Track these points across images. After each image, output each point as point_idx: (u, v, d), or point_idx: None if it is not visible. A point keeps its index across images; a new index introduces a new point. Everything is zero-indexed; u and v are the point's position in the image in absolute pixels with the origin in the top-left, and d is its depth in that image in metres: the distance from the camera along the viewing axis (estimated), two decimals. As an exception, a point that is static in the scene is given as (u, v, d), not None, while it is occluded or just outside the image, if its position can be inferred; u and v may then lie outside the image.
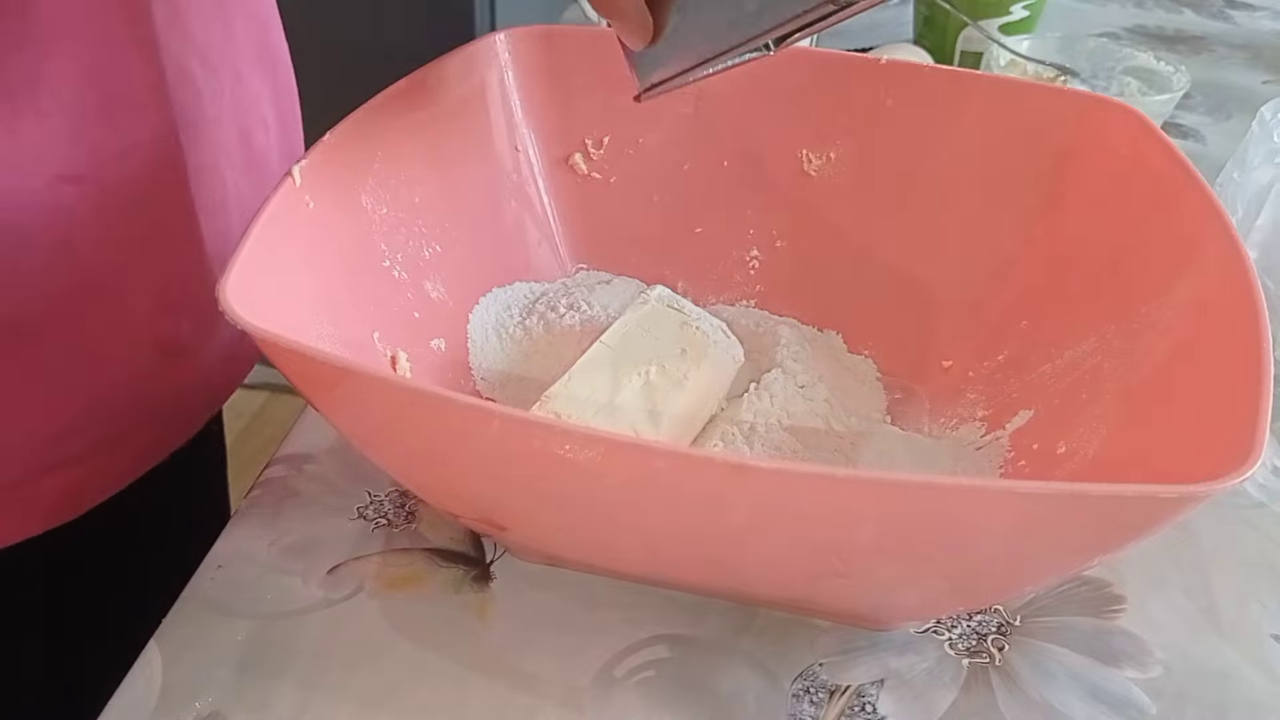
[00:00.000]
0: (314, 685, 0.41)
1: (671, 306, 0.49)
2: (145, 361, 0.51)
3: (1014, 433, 0.47)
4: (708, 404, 0.48)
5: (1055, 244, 0.50)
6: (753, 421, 0.47)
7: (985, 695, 0.41)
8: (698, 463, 0.33)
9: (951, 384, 0.51)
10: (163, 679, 0.40)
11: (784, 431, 0.48)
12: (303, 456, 0.50)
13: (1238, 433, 0.34)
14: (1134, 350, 0.43)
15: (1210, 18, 1.03)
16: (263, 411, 1.63)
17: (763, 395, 0.48)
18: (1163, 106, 0.69)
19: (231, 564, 0.45)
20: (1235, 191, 0.42)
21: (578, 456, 0.33)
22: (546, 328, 0.52)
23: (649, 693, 0.41)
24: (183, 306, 0.52)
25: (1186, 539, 0.48)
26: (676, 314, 0.48)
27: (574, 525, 0.40)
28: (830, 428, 0.49)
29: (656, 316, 0.48)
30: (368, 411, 0.38)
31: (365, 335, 0.46)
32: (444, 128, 0.51)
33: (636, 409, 0.45)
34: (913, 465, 0.47)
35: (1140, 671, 0.42)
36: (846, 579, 0.38)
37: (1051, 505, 0.32)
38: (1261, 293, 0.39)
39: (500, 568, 0.45)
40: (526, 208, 0.55)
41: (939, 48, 0.82)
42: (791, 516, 0.34)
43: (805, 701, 0.41)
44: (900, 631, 0.43)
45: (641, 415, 0.45)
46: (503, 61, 0.54)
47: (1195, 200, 0.44)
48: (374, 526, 0.47)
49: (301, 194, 0.43)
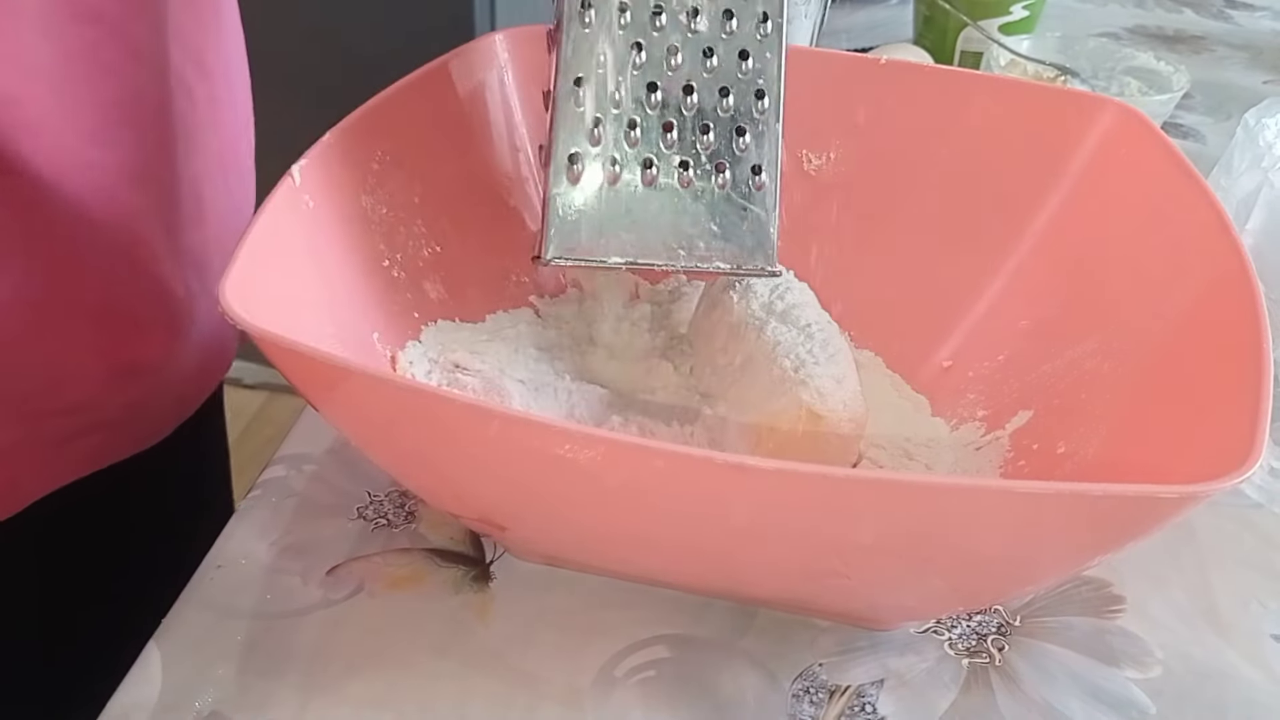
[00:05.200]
0: (314, 685, 0.40)
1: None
2: (98, 383, 0.50)
3: (1014, 433, 0.47)
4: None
5: (1055, 244, 0.50)
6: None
7: (985, 695, 0.41)
8: (698, 463, 0.33)
9: (951, 384, 0.51)
10: (162, 679, 0.40)
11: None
12: (302, 457, 0.50)
13: (1237, 433, 0.34)
14: (1134, 350, 0.43)
15: (1210, 18, 1.03)
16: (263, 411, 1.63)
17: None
18: (1163, 106, 0.68)
19: (231, 564, 0.45)
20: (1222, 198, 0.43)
21: (578, 456, 0.33)
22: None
23: (649, 693, 0.41)
24: (150, 327, 0.51)
25: (1186, 539, 0.48)
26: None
27: (574, 525, 0.40)
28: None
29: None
30: (367, 411, 0.38)
31: (365, 335, 0.46)
32: (444, 127, 0.51)
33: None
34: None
35: (1140, 671, 0.42)
36: (846, 579, 0.38)
37: (1051, 505, 0.32)
38: (1261, 293, 0.39)
39: (500, 568, 0.45)
40: (526, 207, 0.54)
41: (939, 48, 0.81)
42: (792, 516, 0.34)
43: (805, 702, 0.41)
44: (900, 632, 0.43)
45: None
46: (502, 61, 0.54)
47: (1195, 200, 0.44)
48: (374, 527, 0.47)
49: (301, 194, 0.43)
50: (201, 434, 0.66)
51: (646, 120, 0.43)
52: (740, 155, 0.44)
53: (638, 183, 0.44)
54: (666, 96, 0.43)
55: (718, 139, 0.44)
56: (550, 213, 0.43)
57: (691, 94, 0.43)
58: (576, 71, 0.43)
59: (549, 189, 0.43)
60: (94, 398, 0.50)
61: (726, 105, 0.44)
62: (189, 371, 0.56)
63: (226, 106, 0.54)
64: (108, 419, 0.52)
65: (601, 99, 0.43)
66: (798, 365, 0.43)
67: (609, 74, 0.43)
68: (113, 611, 0.54)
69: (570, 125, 0.43)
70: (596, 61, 0.43)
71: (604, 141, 0.43)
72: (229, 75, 0.54)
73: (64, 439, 0.51)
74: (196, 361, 0.56)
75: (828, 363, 0.44)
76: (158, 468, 0.57)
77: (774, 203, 0.45)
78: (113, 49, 0.44)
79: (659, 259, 0.44)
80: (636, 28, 0.43)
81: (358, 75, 0.59)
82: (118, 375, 0.51)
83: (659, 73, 0.43)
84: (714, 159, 0.44)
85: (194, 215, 0.52)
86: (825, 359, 0.44)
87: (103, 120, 0.45)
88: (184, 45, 0.49)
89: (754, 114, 0.44)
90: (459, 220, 0.51)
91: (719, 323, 0.49)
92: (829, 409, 0.43)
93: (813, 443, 0.43)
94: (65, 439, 0.51)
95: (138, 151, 0.47)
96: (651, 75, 0.43)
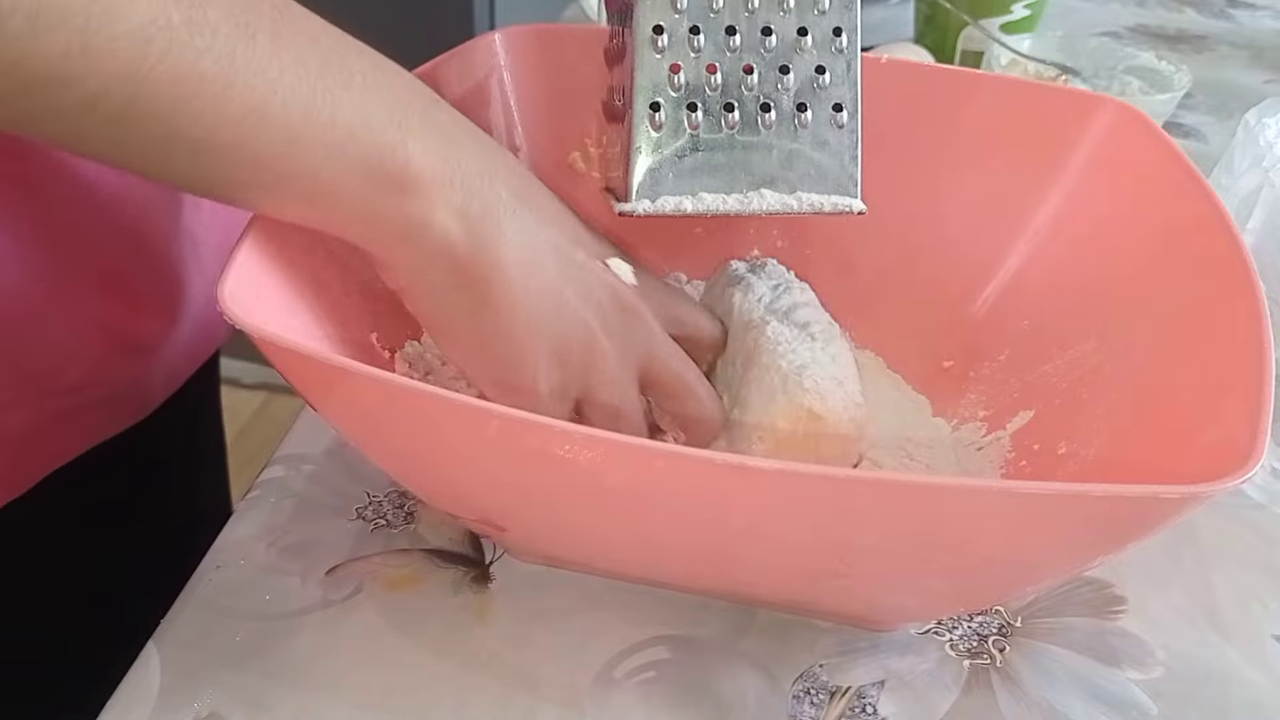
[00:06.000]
0: (313, 686, 0.40)
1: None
2: (100, 361, 0.51)
3: (1015, 433, 0.47)
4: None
5: (1056, 243, 0.50)
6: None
7: (986, 696, 0.41)
8: (698, 463, 0.32)
9: (952, 384, 0.51)
10: (161, 680, 0.40)
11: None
12: (301, 457, 0.50)
13: (1239, 433, 0.33)
14: (1135, 350, 0.43)
15: (1212, 17, 1.03)
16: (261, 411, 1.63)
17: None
18: (1164, 106, 0.68)
19: (230, 564, 0.45)
20: (1223, 197, 0.43)
21: (577, 457, 0.33)
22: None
23: (649, 693, 0.41)
24: (150, 306, 0.52)
25: (1188, 539, 0.48)
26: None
27: (573, 526, 0.40)
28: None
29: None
30: (366, 412, 0.38)
31: (364, 335, 0.46)
32: (443, 127, 0.51)
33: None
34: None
35: (1141, 672, 0.42)
36: (847, 579, 0.37)
37: (1052, 506, 0.32)
38: (1263, 293, 0.38)
39: (499, 568, 0.45)
40: (526, 207, 0.54)
41: (940, 47, 0.81)
42: (792, 517, 0.34)
43: (805, 703, 0.41)
44: (901, 632, 0.43)
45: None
46: (501, 61, 0.53)
47: (1196, 200, 0.44)
48: (373, 527, 0.47)
49: (300, 193, 0.42)
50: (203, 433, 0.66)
51: (726, 64, 0.44)
52: (820, 94, 0.44)
53: (719, 126, 0.44)
54: (745, 40, 0.44)
55: (797, 79, 0.44)
56: (634, 160, 0.43)
57: (770, 35, 0.44)
58: (656, 19, 0.43)
59: (632, 138, 0.43)
60: (96, 375, 0.51)
61: (804, 45, 0.44)
62: (183, 348, 0.56)
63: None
64: (107, 396, 0.52)
65: (680, 45, 0.44)
66: (799, 366, 0.43)
67: (685, 20, 0.43)
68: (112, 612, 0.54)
69: (651, 72, 0.43)
70: (675, 7, 0.43)
71: (684, 87, 0.44)
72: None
73: (67, 416, 0.51)
74: (190, 339, 0.56)
75: (829, 363, 0.44)
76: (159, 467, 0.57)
77: (855, 140, 0.45)
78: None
79: (741, 204, 0.44)
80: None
81: (357, 75, 0.59)
82: (119, 353, 0.51)
83: (736, 15, 0.44)
84: (795, 99, 0.44)
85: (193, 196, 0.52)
86: (827, 360, 0.44)
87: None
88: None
89: (831, 51, 0.44)
90: (458, 220, 0.51)
91: (723, 320, 0.48)
92: (830, 410, 0.43)
93: (814, 443, 0.43)
94: (68, 416, 0.51)
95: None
96: (729, 18, 0.44)
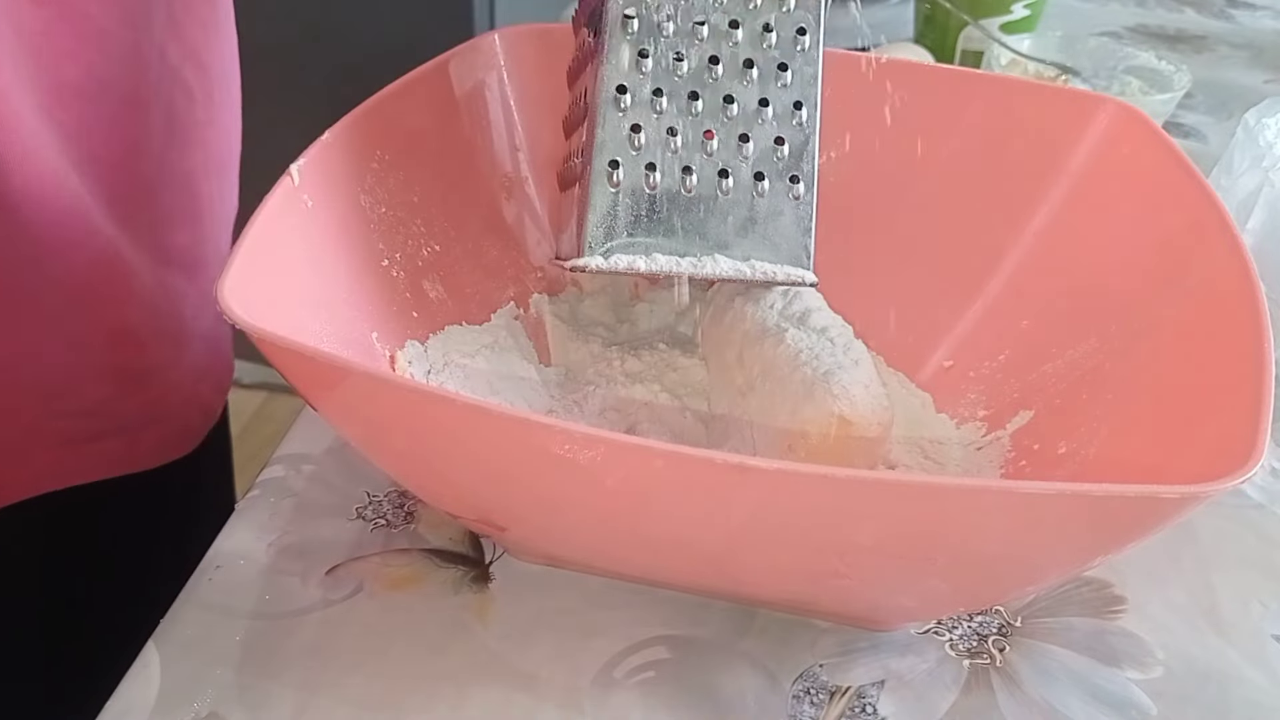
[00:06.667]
0: (313, 686, 0.40)
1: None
2: (107, 387, 0.51)
3: (1015, 433, 0.47)
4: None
5: (1056, 243, 0.50)
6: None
7: (986, 696, 0.41)
8: (698, 463, 0.32)
9: (952, 384, 0.51)
10: (160, 680, 0.40)
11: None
12: (301, 456, 0.50)
13: (1238, 433, 0.33)
14: (1134, 350, 0.43)
15: (1212, 17, 1.03)
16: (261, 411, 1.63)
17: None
18: (1164, 106, 0.68)
19: (230, 564, 0.45)
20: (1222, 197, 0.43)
21: (577, 456, 0.33)
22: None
23: (648, 693, 0.41)
24: (142, 332, 0.51)
25: (1188, 539, 0.48)
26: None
27: (573, 525, 0.40)
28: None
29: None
30: (366, 411, 0.38)
31: (364, 335, 0.46)
32: (442, 127, 0.51)
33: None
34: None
35: (1141, 672, 0.42)
36: (847, 579, 0.37)
37: (1052, 505, 0.32)
38: (1263, 293, 0.38)
39: (499, 568, 0.45)
40: (526, 207, 0.54)
41: (940, 47, 0.81)
42: (792, 516, 0.34)
43: (805, 702, 0.41)
44: (901, 632, 0.43)
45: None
46: (500, 60, 0.53)
47: (1196, 199, 0.44)
48: (373, 527, 0.47)
49: (300, 193, 0.43)
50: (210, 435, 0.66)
51: (686, 128, 0.44)
52: (779, 165, 0.44)
53: (677, 189, 0.44)
54: (707, 106, 0.44)
55: (756, 148, 0.44)
56: (589, 217, 0.43)
57: (732, 104, 0.44)
58: (619, 79, 0.43)
59: (589, 194, 0.43)
60: (106, 401, 0.51)
61: (766, 116, 0.44)
62: (198, 370, 0.56)
63: (223, 104, 0.54)
64: (125, 423, 0.53)
65: (642, 106, 0.43)
66: (824, 372, 0.43)
67: (649, 82, 0.43)
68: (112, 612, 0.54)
69: (612, 131, 0.43)
70: (639, 69, 0.43)
71: (644, 148, 0.43)
72: (225, 75, 0.54)
73: (84, 439, 0.51)
74: (202, 360, 0.56)
75: (853, 367, 0.44)
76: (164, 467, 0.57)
77: (810, 213, 0.45)
78: (68, 32, 0.44)
79: (693, 268, 0.44)
80: (679, 38, 0.43)
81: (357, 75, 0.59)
82: (125, 379, 0.51)
83: (700, 82, 0.44)
84: (753, 168, 0.44)
85: (187, 212, 0.52)
86: (850, 364, 0.44)
87: (57, 101, 0.44)
88: (181, 41, 0.49)
89: (792, 125, 0.44)
90: (458, 220, 0.51)
91: (732, 330, 0.48)
92: (859, 414, 0.42)
93: (843, 447, 0.43)
94: (86, 439, 0.51)
95: (101, 138, 0.46)
96: (693, 84, 0.44)
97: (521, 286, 0.54)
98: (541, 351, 0.52)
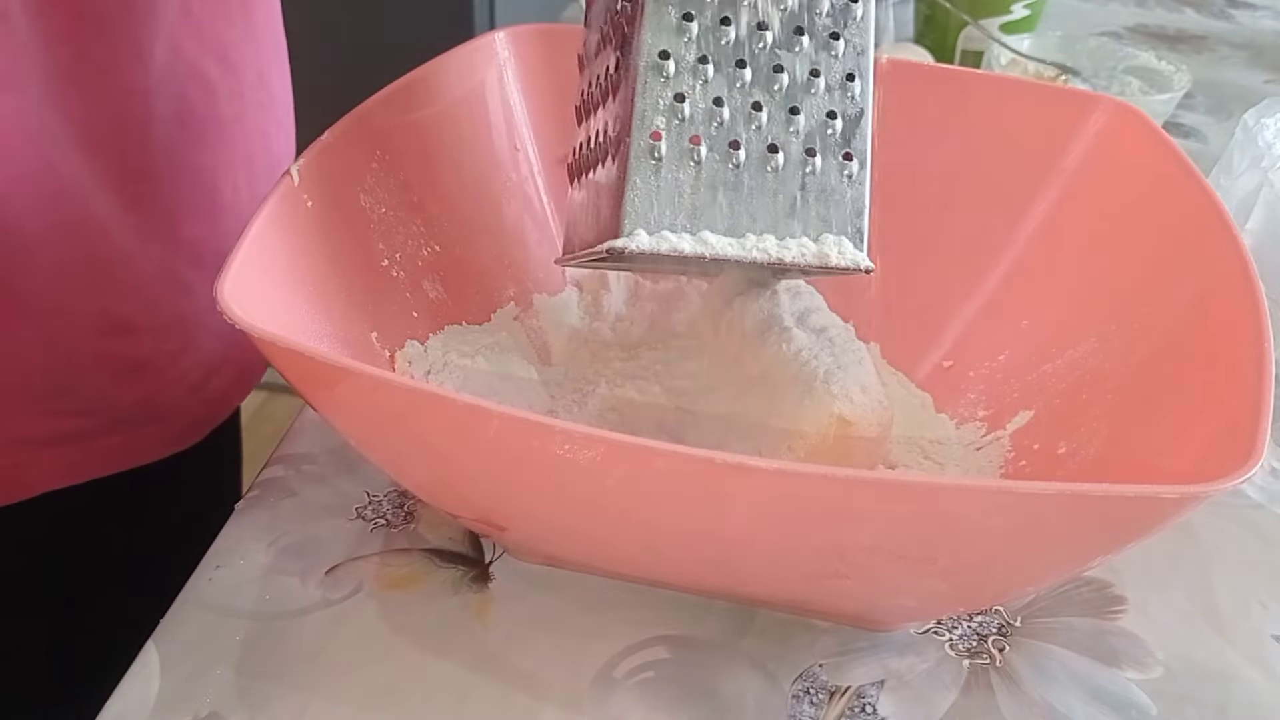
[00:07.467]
0: (312, 686, 0.40)
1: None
2: (104, 381, 0.50)
3: (1015, 433, 0.47)
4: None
5: (1056, 243, 0.50)
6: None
7: (986, 696, 0.41)
8: (698, 463, 0.32)
9: (952, 384, 0.51)
10: (160, 680, 0.40)
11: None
12: (301, 456, 0.50)
13: (1238, 433, 0.33)
14: (1134, 350, 0.43)
15: (1212, 17, 1.03)
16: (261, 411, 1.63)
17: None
18: (1164, 106, 0.68)
19: (230, 564, 0.45)
20: (1222, 197, 0.43)
21: (577, 456, 0.33)
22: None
23: (648, 693, 0.41)
24: (139, 324, 0.51)
25: (1187, 539, 0.48)
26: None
27: (573, 525, 0.40)
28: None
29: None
30: (366, 411, 0.38)
31: (364, 335, 0.46)
32: (443, 127, 0.51)
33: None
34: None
35: (1141, 672, 0.42)
36: (847, 579, 0.37)
37: (1052, 505, 0.32)
38: (1263, 293, 0.38)
39: (499, 568, 0.45)
40: (526, 207, 0.54)
41: (940, 47, 0.81)
42: (792, 516, 0.34)
43: (805, 702, 0.41)
44: (901, 632, 0.43)
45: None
46: (501, 60, 0.53)
47: (1196, 200, 0.44)
48: (373, 527, 0.47)
49: (300, 193, 0.43)
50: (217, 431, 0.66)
51: (733, 99, 0.40)
52: (831, 141, 0.41)
53: (723, 165, 0.40)
54: (755, 76, 0.40)
55: (808, 122, 0.41)
56: (628, 193, 0.39)
57: (781, 74, 0.41)
58: (663, 44, 0.40)
59: (627, 169, 0.39)
60: (102, 393, 0.50)
61: (818, 88, 0.41)
62: (206, 365, 0.56)
63: (256, 104, 0.54)
64: (123, 418, 0.52)
65: (686, 74, 0.40)
66: (825, 373, 0.43)
67: (694, 48, 0.40)
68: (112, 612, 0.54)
69: (653, 101, 0.40)
70: (684, 34, 0.40)
71: (688, 119, 0.40)
72: (264, 77, 0.54)
73: (83, 436, 0.51)
74: (213, 355, 0.56)
75: (853, 367, 0.43)
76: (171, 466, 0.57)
77: (865, 193, 0.42)
78: (61, 16, 0.43)
79: (742, 250, 0.40)
80: (724, 2, 0.40)
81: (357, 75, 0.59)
82: (120, 370, 0.51)
83: (746, 50, 0.40)
84: (804, 144, 0.41)
85: (203, 206, 0.52)
86: (850, 364, 0.44)
87: (49, 82, 0.44)
88: (198, 36, 0.49)
89: (845, 98, 0.41)
90: (458, 220, 0.51)
91: (732, 330, 0.48)
92: (859, 415, 0.42)
93: (843, 448, 0.42)
94: (85, 436, 0.51)
95: (102, 122, 0.46)
96: (740, 52, 0.40)
97: (521, 286, 0.54)
98: (541, 351, 0.52)
